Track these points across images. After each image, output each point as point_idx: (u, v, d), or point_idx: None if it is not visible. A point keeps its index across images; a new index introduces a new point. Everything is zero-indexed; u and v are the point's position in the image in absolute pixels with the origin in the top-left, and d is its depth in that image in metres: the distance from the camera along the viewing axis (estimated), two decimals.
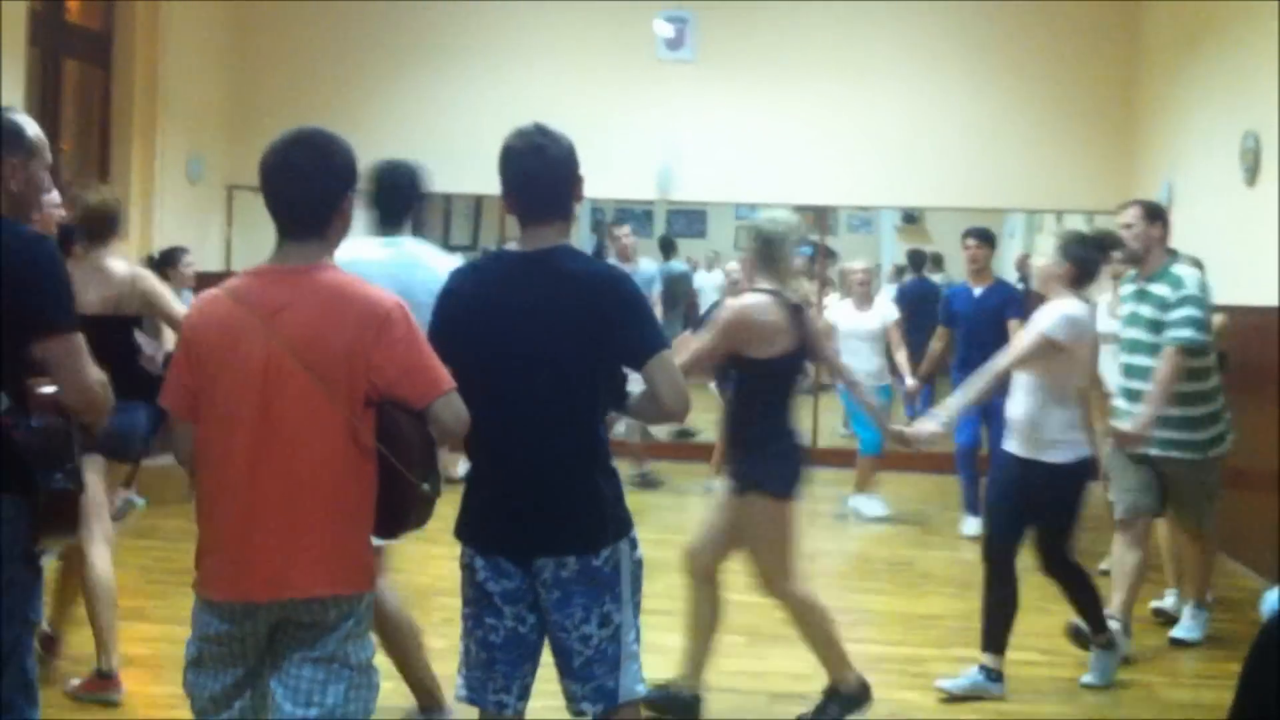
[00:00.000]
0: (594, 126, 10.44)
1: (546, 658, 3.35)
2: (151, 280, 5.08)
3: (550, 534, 3.21)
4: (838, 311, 9.06)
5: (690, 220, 15.52)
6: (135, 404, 4.76)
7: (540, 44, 10.74)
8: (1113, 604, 5.56)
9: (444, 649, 5.49)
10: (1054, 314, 5.07)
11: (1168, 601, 6.40)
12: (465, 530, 3.33)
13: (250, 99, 10.91)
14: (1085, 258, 5.21)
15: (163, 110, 10.02)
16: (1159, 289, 5.61)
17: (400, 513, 2.98)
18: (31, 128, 3.25)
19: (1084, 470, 5.17)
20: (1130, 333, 5.74)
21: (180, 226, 9.86)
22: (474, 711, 3.40)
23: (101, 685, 4.83)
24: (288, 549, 2.88)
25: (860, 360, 8.39)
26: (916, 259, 13.38)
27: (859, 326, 8.81)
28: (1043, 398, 5.10)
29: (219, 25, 10.77)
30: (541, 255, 3.23)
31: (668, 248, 14.68)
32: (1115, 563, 5.77)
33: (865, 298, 8.98)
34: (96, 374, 3.10)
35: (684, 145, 10.54)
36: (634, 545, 3.33)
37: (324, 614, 2.93)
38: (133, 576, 6.81)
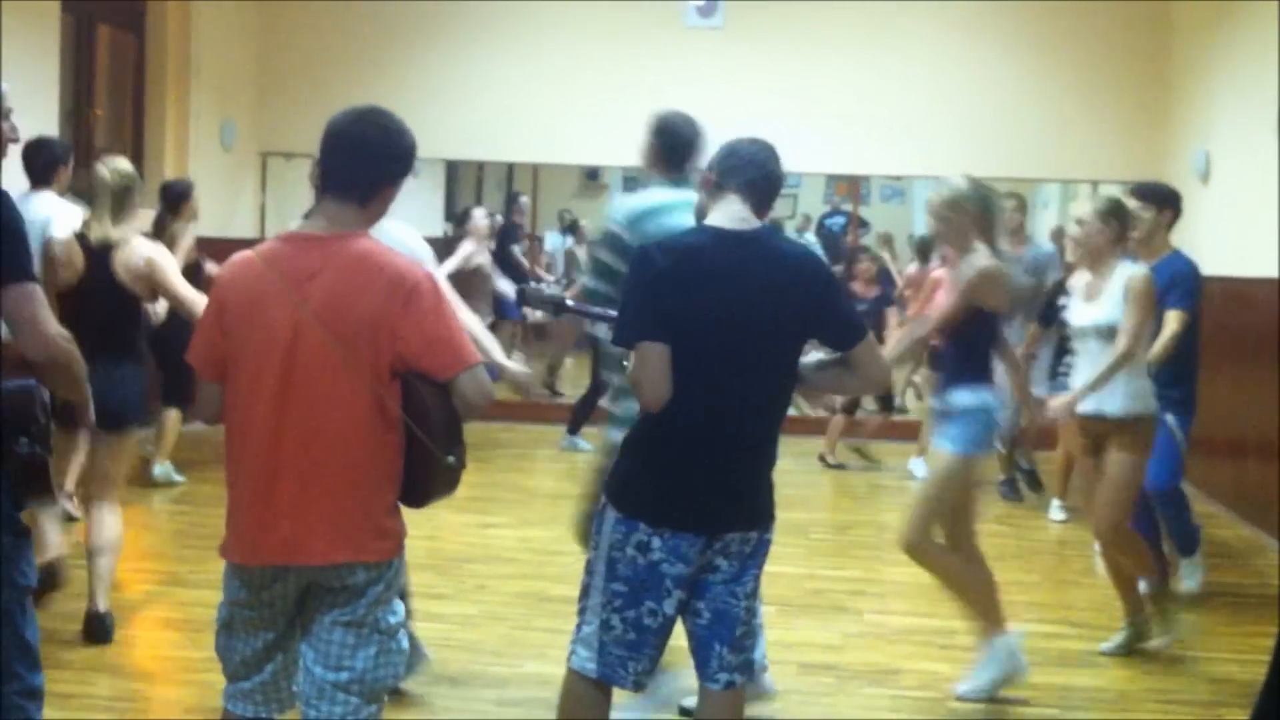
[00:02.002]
0: (623, 94, 10.42)
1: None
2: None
3: (746, 509, 3.29)
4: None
5: None
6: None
7: (570, 11, 10.69)
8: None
9: (475, 615, 5.57)
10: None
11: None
12: (645, 508, 3.25)
13: (282, 66, 10.92)
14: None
15: (195, 77, 10.03)
16: None
17: (424, 484, 2.99)
18: None
19: None
20: None
21: (214, 193, 9.88)
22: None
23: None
24: (307, 515, 2.90)
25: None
26: None
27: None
28: None
29: None
30: (756, 234, 3.29)
31: None
32: None
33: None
34: (57, 327, 2.98)
35: (714, 113, 10.48)
36: None
37: (352, 578, 2.95)
38: (167, 541, 6.89)
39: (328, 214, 3.00)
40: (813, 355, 3.43)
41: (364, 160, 3.00)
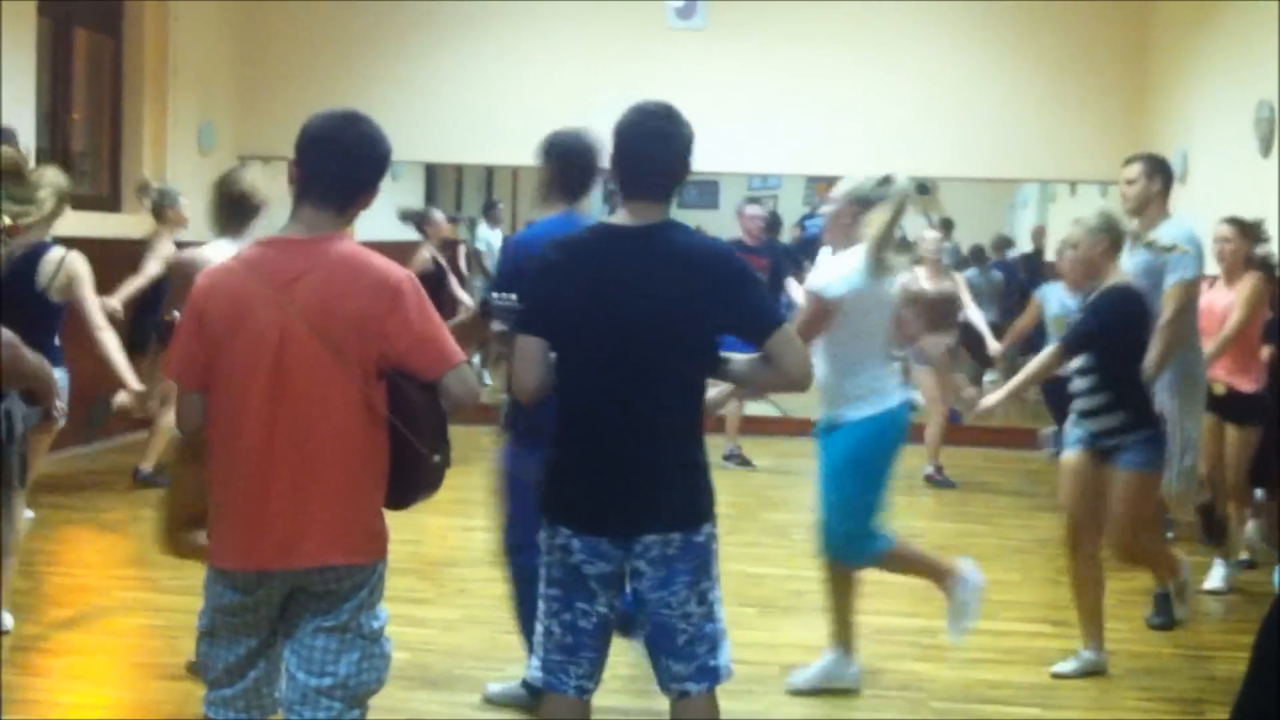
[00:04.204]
0: (605, 95, 10.37)
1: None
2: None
3: (658, 510, 3.17)
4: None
5: (702, 191, 15.47)
6: None
7: (551, 12, 10.69)
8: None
9: (457, 619, 5.56)
10: None
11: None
12: (560, 510, 3.23)
13: (261, 68, 10.90)
14: None
15: (173, 80, 10.00)
16: None
17: (410, 483, 3.00)
18: None
19: None
20: None
21: (192, 196, 9.83)
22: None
23: None
24: (300, 517, 2.90)
25: None
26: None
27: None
28: None
29: None
30: (649, 230, 3.19)
31: None
32: None
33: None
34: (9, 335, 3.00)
35: (695, 114, 10.49)
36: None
37: (337, 583, 2.95)
38: (144, 547, 6.84)
39: (306, 218, 2.99)
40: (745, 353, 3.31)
41: (346, 166, 2.99)
